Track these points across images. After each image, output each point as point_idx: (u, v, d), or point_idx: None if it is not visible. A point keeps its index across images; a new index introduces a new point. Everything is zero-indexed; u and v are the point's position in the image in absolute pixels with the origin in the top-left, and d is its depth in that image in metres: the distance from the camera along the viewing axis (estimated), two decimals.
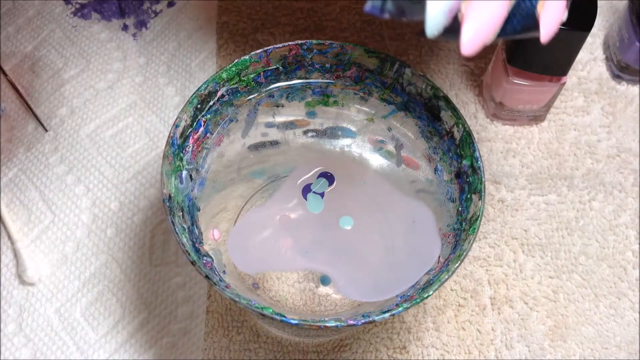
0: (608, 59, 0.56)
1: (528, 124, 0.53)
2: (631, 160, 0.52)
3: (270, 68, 0.41)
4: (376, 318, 0.34)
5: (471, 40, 0.31)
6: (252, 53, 0.40)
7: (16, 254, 0.48)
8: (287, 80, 0.42)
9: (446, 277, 0.35)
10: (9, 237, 0.49)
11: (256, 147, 0.44)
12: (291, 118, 0.44)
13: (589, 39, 0.57)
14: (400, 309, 0.34)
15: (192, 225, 0.39)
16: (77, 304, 0.47)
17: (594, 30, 0.57)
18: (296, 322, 0.33)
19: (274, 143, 0.44)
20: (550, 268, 0.48)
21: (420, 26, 0.30)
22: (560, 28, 0.45)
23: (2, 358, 0.45)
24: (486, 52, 0.56)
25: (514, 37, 0.33)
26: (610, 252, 0.49)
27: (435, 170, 0.41)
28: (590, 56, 0.56)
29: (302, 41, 0.41)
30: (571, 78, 0.55)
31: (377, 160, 0.44)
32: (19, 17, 0.58)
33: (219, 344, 0.45)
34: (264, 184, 0.45)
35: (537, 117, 0.52)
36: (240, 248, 0.42)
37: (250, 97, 0.42)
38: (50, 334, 0.46)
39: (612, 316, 0.47)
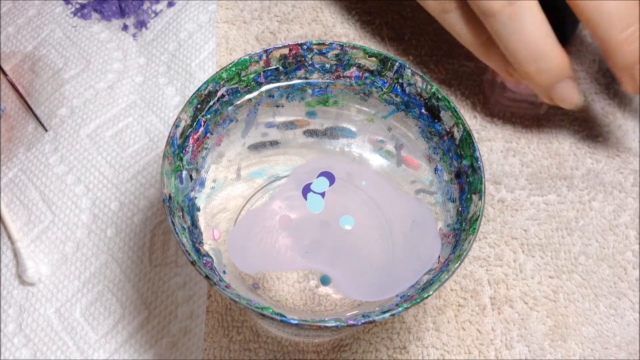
0: None
1: (528, 113, 0.52)
2: (631, 160, 0.52)
3: (270, 68, 0.41)
4: (376, 318, 0.34)
5: None
6: (252, 53, 0.40)
7: (16, 254, 0.48)
8: (287, 80, 0.42)
9: (446, 277, 0.35)
10: (9, 237, 0.49)
11: (256, 147, 0.44)
12: (291, 118, 0.44)
13: (588, 39, 0.57)
14: (400, 309, 0.34)
15: (192, 225, 0.39)
16: (77, 304, 0.47)
17: None
18: (296, 322, 0.33)
19: (274, 143, 0.44)
20: (550, 268, 0.48)
21: None
22: None
23: (2, 358, 0.45)
24: None
25: None
26: (610, 252, 0.49)
27: (435, 170, 0.41)
28: (590, 56, 0.56)
29: (302, 41, 0.41)
30: None
31: (377, 160, 0.44)
32: (19, 17, 0.58)
33: (219, 344, 0.45)
34: (264, 184, 0.45)
35: (537, 106, 0.52)
36: (240, 248, 0.42)
37: (250, 97, 0.42)
38: (50, 334, 0.46)
39: (612, 316, 0.47)
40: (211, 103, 0.41)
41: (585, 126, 0.54)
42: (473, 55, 0.49)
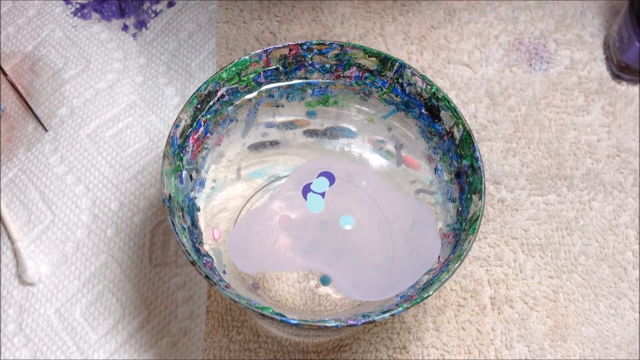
0: (608, 59, 0.56)
1: None
2: (631, 160, 0.52)
3: (270, 68, 0.41)
4: (376, 318, 0.34)
5: None
6: (252, 53, 0.40)
7: (16, 254, 0.48)
8: (287, 80, 0.42)
9: (446, 277, 0.35)
10: (9, 237, 0.49)
11: (256, 147, 0.44)
12: (291, 118, 0.44)
13: (588, 39, 0.57)
14: (400, 309, 0.34)
15: (192, 225, 0.39)
16: (77, 304, 0.47)
17: (593, 30, 0.57)
18: (296, 322, 0.33)
19: (274, 143, 0.44)
20: (550, 268, 0.48)
21: None
22: None
23: (2, 358, 0.45)
24: (487, 53, 0.56)
25: None
26: (610, 252, 0.49)
27: (435, 170, 0.41)
28: (590, 56, 0.56)
29: (302, 41, 0.41)
30: (571, 77, 0.55)
31: (377, 160, 0.44)
32: (19, 17, 0.58)
33: (219, 344, 0.45)
34: (264, 184, 0.45)
35: None
36: (240, 248, 0.42)
37: (250, 97, 0.42)
38: (50, 334, 0.46)
39: (612, 316, 0.47)
40: (211, 103, 0.41)
41: (585, 126, 0.54)
42: (473, 55, 0.49)
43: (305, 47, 0.41)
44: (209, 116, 0.41)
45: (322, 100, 0.43)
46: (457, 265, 0.35)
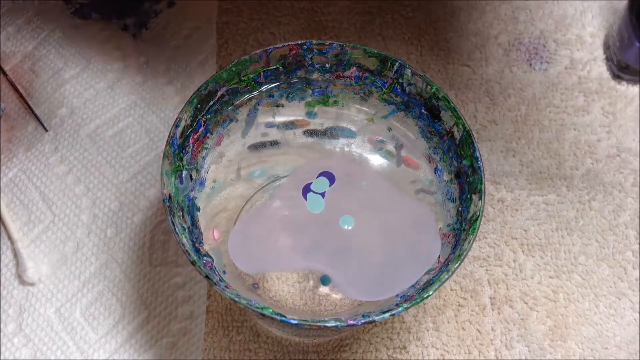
0: (608, 59, 0.56)
1: None
2: (631, 160, 0.52)
3: (270, 68, 0.41)
4: (376, 318, 0.34)
5: None
6: (252, 53, 0.40)
7: (16, 254, 0.48)
8: (287, 80, 0.42)
9: (446, 277, 0.35)
10: (9, 237, 0.49)
11: (256, 147, 0.44)
12: (291, 118, 0.44)
13: (588, 39, 0.57)
14: (400, 309, 0.34)
15: (192, 225, 0.39)
16: (77, 304, 0.47)
17: (593, 30, 0.57)
18: (296, 322, 0.33)
19: (274, 143, 0.44)
20: (550, 268, 0.48)
21: None
22: None
23: (2, 358, 0.45)
24: (486, 54, 0.56)
25: None
26: (610, 252, 0.49)
27: (435, 170, 0.41)
28: (590, 56, 0.56)
29: (302, 41, 0.41)
30: (571, 77, 0.55)
31: (377, 160, 0.44)
32: (19, 17, 0.58)
33: (219, 344, 0.45)
34: (264, 184, 0.45)
35: None
36: (240, 248, 0.42)
37: (250, 97, 0.42)
38: (50, 334, 0.46)
39: (612, 316, 0.47)
40: (211, 103, 0.41)
41: (585, 126, 0.54)
42: (473, 55, 0.49)
43: (305, 47, 0.41)
44: (209, 116, 0.41)
45: (322, 100, 0.43)
46: (457, 265, 0.35)
